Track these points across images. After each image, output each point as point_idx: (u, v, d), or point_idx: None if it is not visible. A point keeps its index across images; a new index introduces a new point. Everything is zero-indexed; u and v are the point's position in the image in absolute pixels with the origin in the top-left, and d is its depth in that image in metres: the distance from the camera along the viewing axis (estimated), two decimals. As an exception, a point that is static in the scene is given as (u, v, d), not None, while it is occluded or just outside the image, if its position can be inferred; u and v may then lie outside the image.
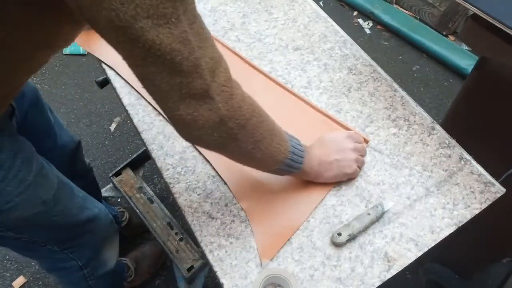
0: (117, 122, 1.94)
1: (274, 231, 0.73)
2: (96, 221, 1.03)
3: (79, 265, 1.06)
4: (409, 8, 2.38)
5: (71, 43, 0.70)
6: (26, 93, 0.96)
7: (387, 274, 0.70)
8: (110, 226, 1.13)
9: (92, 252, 1.08)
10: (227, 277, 0.69)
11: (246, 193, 0.77)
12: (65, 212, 0.92)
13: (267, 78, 0.93)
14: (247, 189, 0.78)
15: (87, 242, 1.04)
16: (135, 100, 0.89)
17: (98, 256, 1.11)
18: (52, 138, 1.12)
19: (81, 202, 0.98)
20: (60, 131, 1.15)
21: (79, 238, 1.01)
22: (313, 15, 1.06)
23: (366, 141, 0.84)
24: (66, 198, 0.92)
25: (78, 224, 0.97)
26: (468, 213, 0.76)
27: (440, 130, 0.86)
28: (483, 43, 0.94)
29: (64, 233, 0.96)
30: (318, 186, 0.78)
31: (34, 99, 1.01)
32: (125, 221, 1.54)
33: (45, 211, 0.84)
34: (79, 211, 0.97)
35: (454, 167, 0.81)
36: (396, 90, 0.92)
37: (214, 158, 0.81)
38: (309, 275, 0.69)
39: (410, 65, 2.20)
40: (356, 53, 0.98)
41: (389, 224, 0.74)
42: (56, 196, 0.86)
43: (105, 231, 1.10)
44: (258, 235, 0.73)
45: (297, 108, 0.89)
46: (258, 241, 0.72)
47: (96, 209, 1.03)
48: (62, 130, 1.17)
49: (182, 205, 0.77)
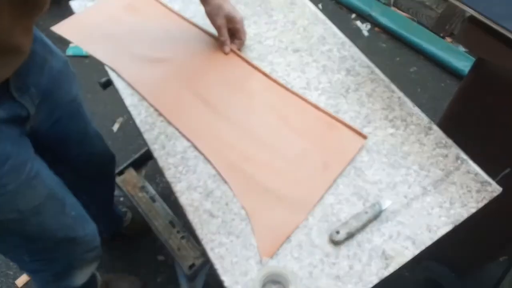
0: (119, 122, 1.95)
1: (274, 229, 0.75)
2: (76, 243, 0.97)
3: (47, 276, 1.02)
4: (407, 10, 2.40)
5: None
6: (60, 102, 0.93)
7: (385, 272, 0.71)
8: (92, 252, 1.04)
9: (62, 269, 1.01)
10: (228, 274, 0.70)
11: (246, 192, 0.79)
12: (43, 226, 0.87)
13: (268, 78, 0.94)
14: (247, 188, 0.79)
15: (60, 259, 0.98)
16: (137, 101, 0.91)
17: (68, 274, 1.04)
18: (83, 148, 1.08)
19: (69, 221, 0.93)
20: (94, 142, 1.13)
21: (53, 253, 0.95)
22: (312, 17, 1.07)
23: (364, 137, 0.85)
24: (50, 214, 0.87)
25: (54, 240, 0.91)
26: (464, 212, 0.77)
27: (437, 130, 0.87)
28: (480, 44, 0.95)
29: (37, 244, 0.90)
30: (318, 184, 0.79)
31: (71, 107, 0.98)
32: (128, 221, 1.55)
33: (18, 219, 0.81)
34: (59, 228, 0.91)
35: (450, 166, 0.83)
36: (393, 91, 0.93)
37: (215, 157, 0.82)
38: (308, 272, 0.71)
39: (408, 66, 2.22)
40: (354, 54, 0.99)
41: (386, 223, 0.76)
42: (38, 209, 0.83)
43: (83, 254, 1.02)
44: (259, 233, 0.74)
45: (298, 108, 0.90)
46: (258, 239, 0.73)
47: (82, 232, 0.97)
48: (97, 141, 1.15)
49: (183, 203, 0.78)
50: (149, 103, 0.90)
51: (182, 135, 0.85)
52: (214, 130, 0.86)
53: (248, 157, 0.82)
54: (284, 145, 0.84)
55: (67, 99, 0.96)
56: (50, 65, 0.87)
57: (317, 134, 0.86)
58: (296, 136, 0.86)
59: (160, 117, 0.88)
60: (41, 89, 0.83)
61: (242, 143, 0.84)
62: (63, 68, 0.93)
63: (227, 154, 0.83)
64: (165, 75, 0.94)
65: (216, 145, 0.84)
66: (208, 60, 0.97)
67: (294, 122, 0.88)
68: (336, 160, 0.82)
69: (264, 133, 0.86)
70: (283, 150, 0.84)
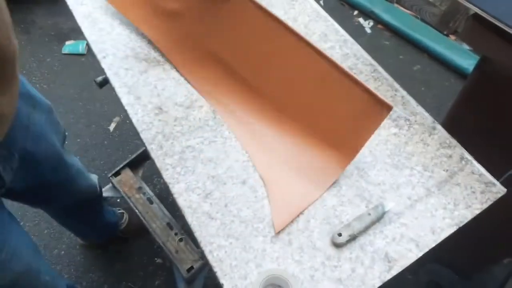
0: (116, 122, 1.94)
1: (289, 202, 0.75)
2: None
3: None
4: (410, 8, 2.38)
5: None
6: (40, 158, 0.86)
7: (388, 275, 0.69)
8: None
9: None
10: (227, 277, 0.69)
11: (266, 162, 0.78)
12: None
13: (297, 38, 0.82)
14: (267, 158, 0.79)
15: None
16: (134, 100, 0.89)
17: None
18: (65, 191, 1.05)
19: (43, 286, 0.90)
20: (77, 182, 1.08)
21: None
22: (313, 14, 1.05)
23: (390, 108, 0.73)
24: (25, 285, 0.84)
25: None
26: (469, 213, 0.76)
27: (441, 130, 0.86)
28: (484, 42, 0.94)
29: None
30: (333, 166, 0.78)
31: (53, 160, 0.91)
32: (125, 223, 1.53)
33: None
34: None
35: (455, 167, 0.81)
36: (396, 89, 0.92)
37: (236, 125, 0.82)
38: (309, 275, 0.69)
39: (411, 64, 2.20)
40: (356, 52, 0.98)
41: (389, 225, 0.74)
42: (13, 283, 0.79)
43: None
44: (274, 204, 0.74)
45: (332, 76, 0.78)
46: (273, 211, 0.74)
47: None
48: (80, 180, 1.11)
49: (181, 205, 0.76)
50: (146, 101, 0.88)
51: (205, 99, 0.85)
52: (236, 96, 0.84)
53: (272, 125, 0.82)
54: (313, 116, 0.81)
55: (49, 152, 0.90)
56: (34, 121, 0.81)
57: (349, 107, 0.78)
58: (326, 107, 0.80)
59: (157, 116, 0.86)
60: (23, 152, 0.77)
61: (266, 111, 0.83)
62: (47, 118, 0.87)
63: (249, 121, 0.82)
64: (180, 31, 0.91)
65: (238, 112, 0.82)
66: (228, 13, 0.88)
67: (325, 89, 0.79)
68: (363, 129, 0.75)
69: (290, 102, 0.83)
70: (311, 121, 0.81)
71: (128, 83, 0.91)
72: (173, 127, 0.85)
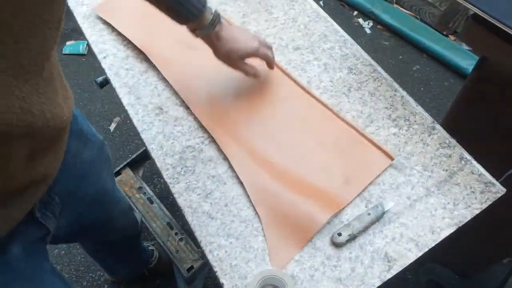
0: (116, 122, 1.94)
1: (287, 239, 0.72)
2: None
3: None
4: (410, 8, 2.38)
5: None
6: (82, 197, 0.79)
7: (387, 274, 0.69)
8: None
9: None
10: (227, 277, 0.69)
11: (262, 198, 0.76)
12: None
13: (296, 84, 0.91)
14: (264, 195, 0.76)
15: None
16: (134, 100, 0.89)
17: None
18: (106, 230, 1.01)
19: None
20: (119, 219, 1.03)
21: None
22: (313, 14, 1.05)
23: (391, 158, 0.81)
24: None
25: None
26: (468, 213, 0.76)
27: (441, 130, 0.86)
28: (484, 43, 0.94)
29: None
30: (332, 199, 0.76)
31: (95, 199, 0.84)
32: (155, 261, 1.46)
33: None
34: None
35: (454, 167, 0.81)
36: (396, 90, 0.92)
37: (234, 158, 0.80)
38: (309, 275, 0.69)
39: (411, 65, 2.20)
40: (356, 52, 0.98)
41: (389, 224, 0.74)
42: None
43: None
44: (271, 242, 0.72)
45: (324, 117, 0.86)
46: (270, 248, 0.71)
47: None
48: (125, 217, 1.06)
49: (181, 205, 0.76)
50: (147, 101, 0.88)
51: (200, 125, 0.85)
52: (235, 130, 0.84)
53: (268, 161, 0.80)
54: (307, 155, 0.81)
55: (92, 191, 0.82)
56: (81, 159, 0.74)
57: (342, 147, 0.82)
58: (320, 147, 0.82)
59: (158, 116, 0.87)
60: (65, 194, 0.70)
61: (263, 146, 0.82)
62: (97, 155, 0.80)
63: (246, 155, 0.80)
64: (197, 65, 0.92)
65: (236, 146, 0.81)
66: None
67: (319, 132, 0.84)
68: (359, 177, 0.78)
69: (286, 140, 0.83)
70: (305, 160, 0.80)
71: (129, 83, 0.92)
72: (174, 127, 0.86)
